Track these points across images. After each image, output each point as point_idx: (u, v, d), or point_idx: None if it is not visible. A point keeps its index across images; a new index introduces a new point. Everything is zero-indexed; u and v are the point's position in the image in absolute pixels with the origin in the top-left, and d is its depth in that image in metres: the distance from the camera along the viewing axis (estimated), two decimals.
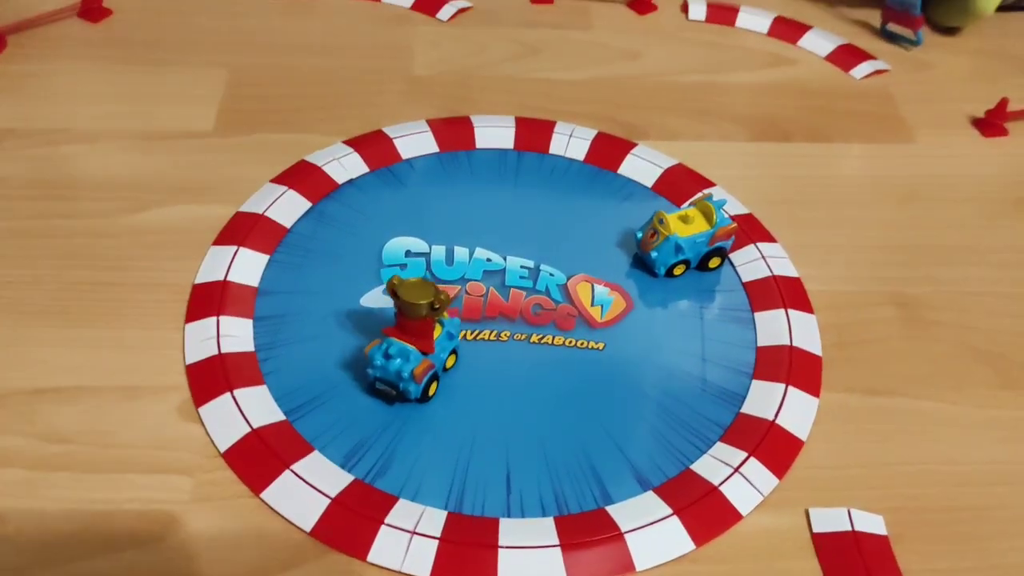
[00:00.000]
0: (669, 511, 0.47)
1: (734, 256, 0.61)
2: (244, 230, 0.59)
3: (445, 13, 0.80)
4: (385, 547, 0.45)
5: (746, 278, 0.60)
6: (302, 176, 0.63)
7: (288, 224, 0.61)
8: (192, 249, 0.58)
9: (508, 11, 0.82)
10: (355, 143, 0.66)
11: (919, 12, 0.79)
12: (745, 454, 0.50)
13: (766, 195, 0.66)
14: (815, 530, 0.47)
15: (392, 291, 0.49)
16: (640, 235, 0.59)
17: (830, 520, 0.48)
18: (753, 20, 0.82)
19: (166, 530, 0.45)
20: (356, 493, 0.47)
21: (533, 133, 0.69)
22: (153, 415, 0.50)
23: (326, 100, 0.71)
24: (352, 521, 0.46)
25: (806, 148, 0.70)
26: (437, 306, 0.48)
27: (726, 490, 0.48)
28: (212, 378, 0.51)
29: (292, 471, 0.47)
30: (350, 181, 0.64)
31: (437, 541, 0.45)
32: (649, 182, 0.66)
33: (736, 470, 0.49)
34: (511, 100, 0.72)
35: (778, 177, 0.68)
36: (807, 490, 0.49)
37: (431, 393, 0.51)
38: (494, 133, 0.68)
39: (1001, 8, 0.81)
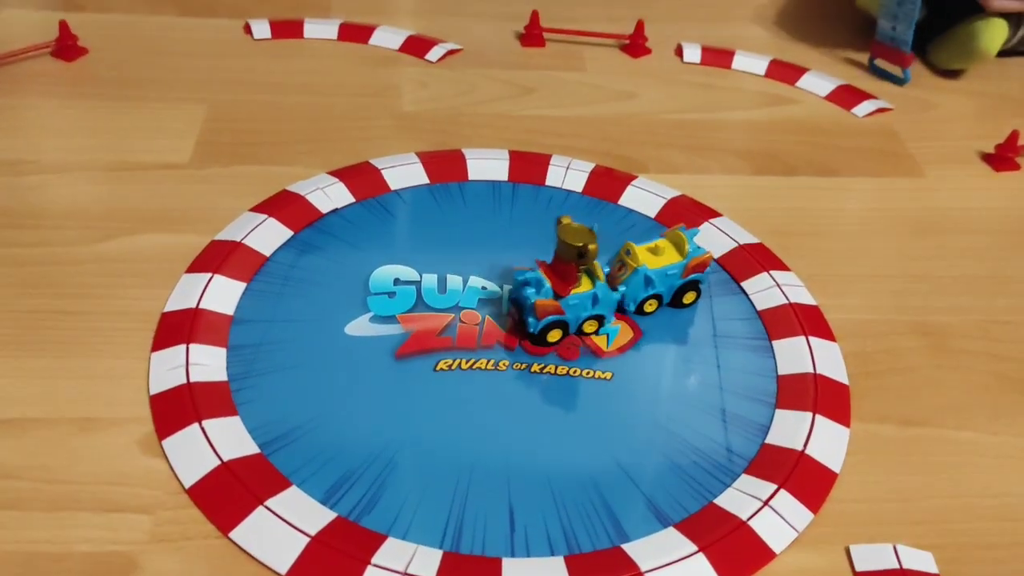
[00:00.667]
0: (694, 548, 0.42)
1: (747, 284, 0.57)
2: (219, 258, 0.55)
3: (434, 55, 0.78)
4: None
5: (761, 306, 0.56)
6: (283, 204, 0.59)
7: (267, 252, 0.56)
8: (162, 278, 0.54)
9: (498, 53, 0.80)
10: (340, 174, 0.63)
11: (909, 50, 0.77)
12: (774, 486, 0.45)
13: (774, 226, 0.62)
14: (859, 568, 0.42)
15: (557, 229, 0.49)
16: (607, 269, 0.54)
17: (875, 557, 0.42)
18: (749, 63, 0.80)
19: (121, 574, 0.39)
20: (339, 531, 0.41)
21: (528, 165, 0.65)
22: (109, 448, 0.44)
23: (309, 134, 0.67)
24: (334, 561, 0.40)
25: (812, 181, 0.67)
26: (583, 253, 0.48)
27: (756, 525, 0.43)
28: (178, 408, 0.46)
29: (266, 507, 0.42)
30: (335, 211, 0.60)
31: None
32: (652, 212, 0.62)
33: (766, 503, 0.44)
34: (503, 136, 0.69)
35: (786, 209, 0.64)
36: (845, 525, 0.44)
37: (551, 341, 0.51)
38: (487, 165, 0.65)
39: (1001, 53, 0.79)
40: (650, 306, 0.54)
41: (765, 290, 0.56)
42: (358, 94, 0.73)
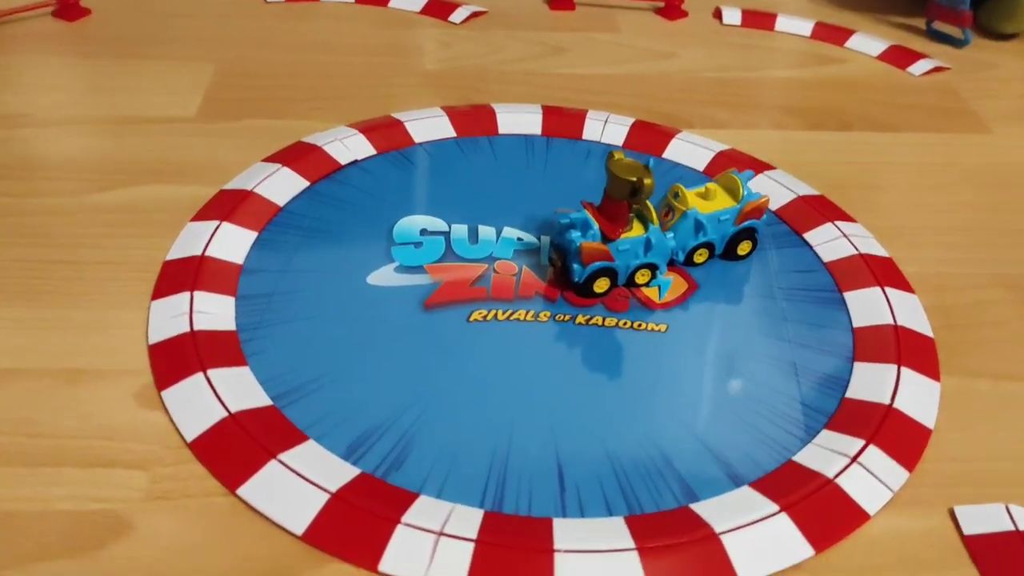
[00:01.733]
0: (775, 508, 0.36)
1: (810, 236, 0.51)
2: (228, 206, 0.50)
3: (458, 16, 0.73)
4: (403, 552, 0.33)
5: (827, 258, 0.50)
6: (299, 155, 0.54)
7: (280, 202, 0.51)
8: (164, 228, 0.48)
9: (526, 16, 0.75)
10: (360, 126, 0.58)
11: (968, 7, 0.72)
12: (862, 442, 0.39)
13: (833, 180, 0.57)
14: (967, 532, 0.36)
15: (607, 163, 0.44)
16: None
17: (985, 519, 0.36)
18: (793, 24, 0.75)
19: (110, 535, 0.34)
20: (364, 488, 0.36)
21: (563, 119, 0.60)
22: (101, 401, 0.39)
23: (326, 91, 0.63)
24: (359, 520, 0.34)
25: (871, 136, 0.62)
26: (637, 189, 0.42)
27: (844, 483, 0.37)
28: (180, 357, 0.40)
29: (280, 461, 0.36)
30: (354, 162, 0.55)
31: (473, 543, 0.34)
32: (700, 166, 0.57)
33: (854, 460, 0.38)
34: (534, 93, 0.64)
35: (844, 164, 0.59)
36: (945, 486, 0.38)
37: (598, 291, 0.46)
38: (518, 118, 0.60)
39: None
40: (700, 256, 0.49)
41: (831, 241, 0.51)
42: (377, 54, 0.68)
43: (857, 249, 0.50)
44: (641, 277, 0.46)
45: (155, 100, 0.60)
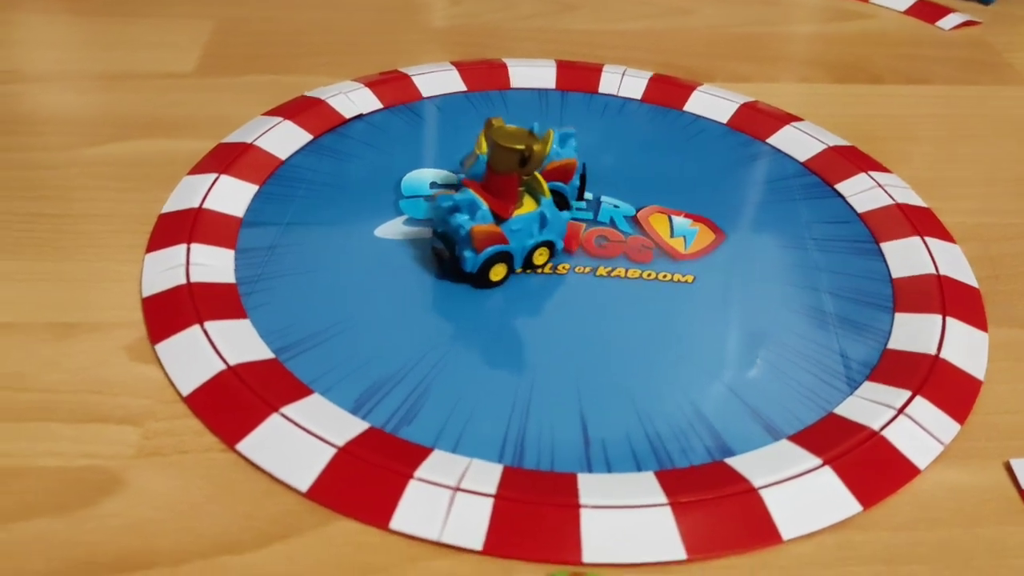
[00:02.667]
0: (817, 461, 0.33)
1: (842, 187, 0.49)
2: (227, 159, 0.47)
3: None
4: (416, 509, 0.31)
5: (862, 208, 0.47)
6: (301, 109, 0.51)
7: (282, 156, 0.48)
8: (159, 181, 0.46)
9: None
10: (367, 80, 0.55)
11: None
12: (909, 393, 0.36)
13: (865, 132, 0.54)
14: None
15: (486, 132, 0.38)
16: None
17: None
18: None
19: (98, 493, 0.31)
20: (373, 442, 0.33)
21: (578, 74, 0.57)
22: (91, 354, 0.36)
23: (330, 47, 0.60)
24: (368, 475, 0.32)
25: (903, 89, 0.59)
26: (527, 158, 0.37)
27: (891, 436, 0.34)
28: (175, 309, 0.38)
29: (282, 415, 0.34)
30: (360, 116, 0.52)
31: (492, 499, 0.31)
32: (723, 118, 0.54)
33: (900, 411, 0.35)
34: (547, 49, 0.61)
35: (876, 116, 0.56)
36: (999, 439, 0.35)
37: (494, 279, 0.40)
38: (532, 72, 0.57)
39: None
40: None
41: (865, 191, 0.48)
42: (382, 9, 0.65)
43: (893, 199, 0.47)
44: (539, 257, 0.41)
45: (151, 56, 0.57)
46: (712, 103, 0.55)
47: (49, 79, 0.54)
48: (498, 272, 0.40)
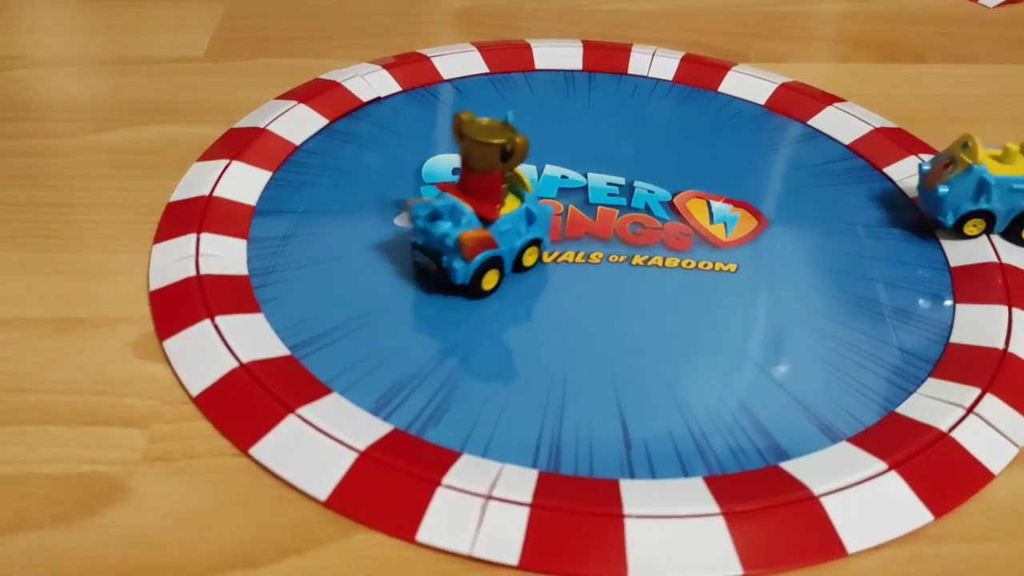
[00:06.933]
0: (883, 465, 0.30)
1: (891, 170, 0.46)
2: (239, 145, 0.44)
3: None
4: (445, 519, 0.28)
5: (913, 193, 0.44)
6: (316, 92, 0.49)
7: (296, 141, 0.46)
8: (168, 169, 0.43)
9: None
10: (384, 62, 0.52)
11: None
12: (978, 390, 0.33)
13: (911, 113, 0.51)
14: None
15: (457, 129, 0.35)
16: (927, 167, 0.42)
17: None
18: None
19: (101, 501, 0.29)
20: (397, 446, 0.30)
21: (606, 53, 0.54)
22: (93, 352, 0.34)
23: (346, 29, 0.57)
24: (392, 482, 0.29)
25: (949, 69, 0.56)
26: (510, 149, 0.34)
27: (961, 437, 0.31)
28: (185, 304, 0.35)
29: (299, 416, 0.31)
30: (377, 99, 0.50)
31: (527, 508, 0.28)
32: (760, 99, 0.51)
33: (970, 410, 0.32)
34: (573, 30, 0.58)
35: (922, 96, 0.53)
36: None
37: (487, 288, 0.36)
38: (557, 53, 0.54)
39: None
40: (973, 228, 0.41)
41: (915, 175, 0.45)
42: None
43: None
44: (529, 258, 0.38)
45: (159, 40, 0.55)
46: (748, 83, 0.52)
47: (56, 64, 0.52)
48: (490, 280, 0.37)
